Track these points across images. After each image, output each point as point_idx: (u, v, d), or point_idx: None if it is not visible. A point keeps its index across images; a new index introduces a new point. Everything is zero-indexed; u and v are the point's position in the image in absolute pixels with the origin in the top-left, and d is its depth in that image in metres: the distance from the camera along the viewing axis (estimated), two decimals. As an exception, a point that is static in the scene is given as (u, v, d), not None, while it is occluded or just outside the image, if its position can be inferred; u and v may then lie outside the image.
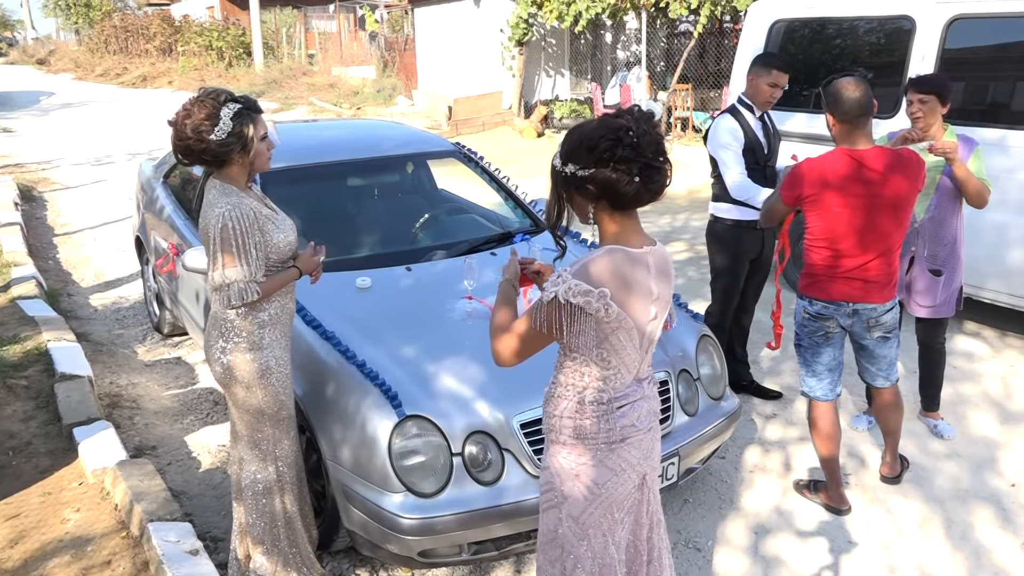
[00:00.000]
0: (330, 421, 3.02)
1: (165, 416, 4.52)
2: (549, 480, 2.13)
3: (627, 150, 1.87)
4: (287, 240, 2.78)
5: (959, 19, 5.19)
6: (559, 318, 1.94)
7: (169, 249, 4.70)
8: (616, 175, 1.89)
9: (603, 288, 1.90)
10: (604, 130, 1.90)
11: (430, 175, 5.12)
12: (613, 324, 1.96)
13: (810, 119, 5.97)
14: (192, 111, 2.58)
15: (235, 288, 2.62)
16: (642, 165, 1.89)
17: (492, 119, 15.17)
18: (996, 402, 4.56)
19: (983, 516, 3.56)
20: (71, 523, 3.35)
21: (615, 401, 2.06)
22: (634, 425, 2.09)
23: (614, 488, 2.08)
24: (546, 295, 1.94)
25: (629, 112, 1.94)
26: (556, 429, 2.09)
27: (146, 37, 31.32)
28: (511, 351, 2.06)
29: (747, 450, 4.09)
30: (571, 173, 1.94)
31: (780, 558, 3.30)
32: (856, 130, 3.16)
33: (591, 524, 2.08)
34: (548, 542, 2.16)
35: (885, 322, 3.36)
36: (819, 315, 3.36)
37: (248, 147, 2.65)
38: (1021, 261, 4.98)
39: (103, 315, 6.12)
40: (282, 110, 19.31)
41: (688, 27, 13.79)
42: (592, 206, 1.98)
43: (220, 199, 2.64)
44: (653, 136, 1.92)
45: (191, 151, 2.62)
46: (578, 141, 1.93)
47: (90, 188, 10.80)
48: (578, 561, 2.10)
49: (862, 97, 3.12)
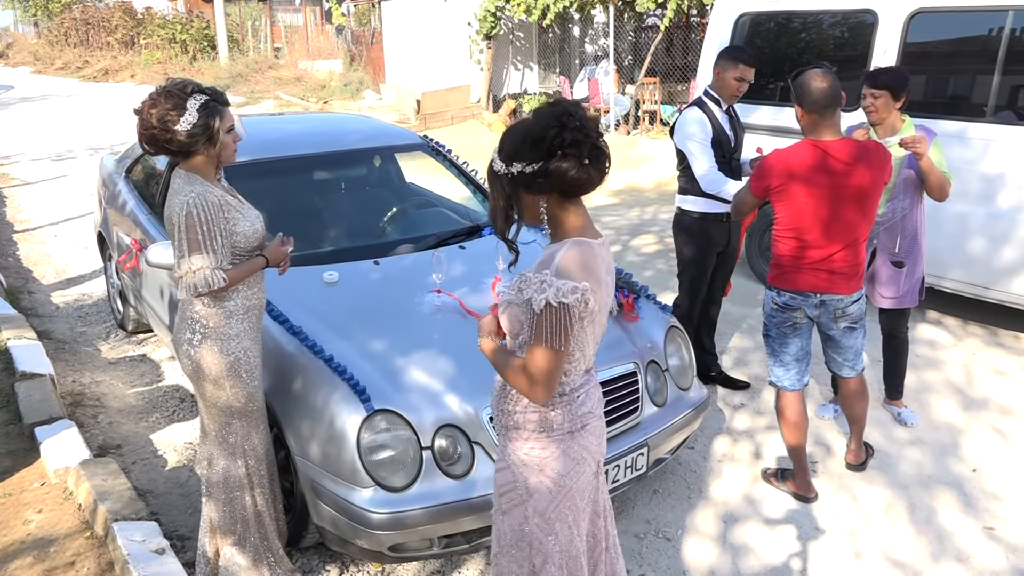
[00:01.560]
0: (298, 417, 2.99)
1: (130, 414, 4.45)
2: (510, 479, 2.10)
3: (576, 133, 1.87)
4: (254, 229, 2.75)
5: (920, 13, 5.27)
6: (556, 323, 1.88)
7: (132, 245, 4.62)
8: (567, 162, 1.88)
9: (584, 283, 1.89)
10: (547, 120, 1.89)
11: (398, 169, 5.09)
12: (586, 318, 1.95)
13: (776, 112, 6.03)
14: (158, 101, 2.55)
15: (200, 275, 2.59)
16: (590, 147, 1.89)
17: (461, 113, 15.13)
18: (958, 389, 4.65)
19: (946, 501, 3.62)
20: (33, 524, 3.28)
21: (575, 391, 2.07)
22: (591, 412, 2.11)
23: (576, 478, 2.08)
24: (536, 305, 1.88)
25: (561, 100, 1.95)
26: (519, 425, 2.07)
27: (107, 30, 30.76)
28: (551, 381, 1.94)
29: (716, 440, 4.13)
30: (518, 172, 1.91)
31: (749, 546, 3.34)
32: (823, 121, 3.19)
33: (557, 517, 2.08)
34: (513, 543, 2.14)
35: (851, 313, 3.40)
36: (786, 306, 3.40)
37: (214, 139, 2.62)
38: (982, 251, 5.08)
39: (65, 313, 6.01)
40: (248, 104, 19.08)
41: (655, 21, 13.84)
42: (543, 201, 1.96)
43: (184, 187, 2.62)
44: (590, 118, 1.93)
45: (156, 141, 2.59)
46: (520, 139, 1.92)
47: (51, 184, 10.59)
48: (547, 557, 2.10)
49: (829, 88, 3.15)
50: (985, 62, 5.06)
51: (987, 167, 4.98)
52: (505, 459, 2.12)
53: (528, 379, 1.95)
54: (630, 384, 3.26)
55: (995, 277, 5.07)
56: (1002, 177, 4.95)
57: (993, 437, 4.14)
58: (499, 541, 2.18)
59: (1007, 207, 4.95)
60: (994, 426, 4.24)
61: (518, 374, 1.98)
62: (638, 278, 4.65)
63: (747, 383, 4.68)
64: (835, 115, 3.19)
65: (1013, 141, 4.89)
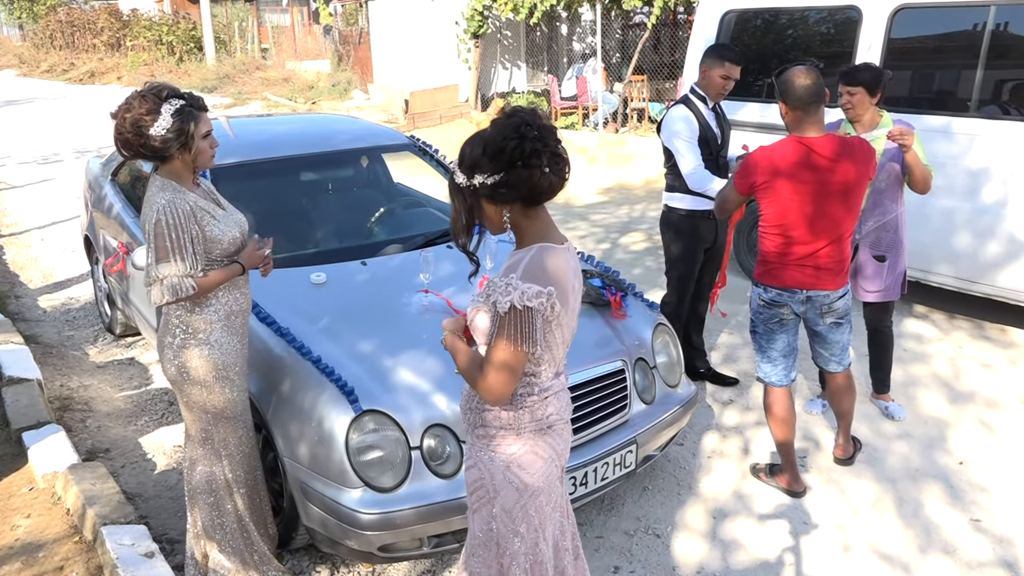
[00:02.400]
0: (286, 418, 2.99)
1: (118, 418, 4.43)
2: (478, 478, 2.11)
3: (535, 143, 1.89)
4: (230, 235, 2.74)
5: (903, 9, 5.29)
6: (521, 326, 1.90)
7: (119, 248, 4.61)
8: (528, 171, 1.90)
9: (550, 287, 1.91)
10: (505, 131, 1.91)
11: (386, 169, 5.09)
12: (553, 322, 1.97)
13: (762, 109, 6.05)
14: (133, 105, 2.56)
15: (167, 283, 2.59)
16: (549, 154, 1.91)
17: (449, 112, 15.11)
18: (945, 382, 4.68)
19: (933, 494, 3.65)
20: (21, 529, 3.27)
21: (544, 392, 2.08)
22: (558, 414, 2.12)
23: (540, 477, 2.09)
24: (500, 307, 1.90)
25: (517, 110, 1.95)
26: (484, 423, 2.08)
27: (93, 32, 30.56)
28: (501, 383, 1.95)
29: (705, 436, 4.14)
30: (480, 184, 1.93)
31: (738, 541, 3.35)
32: (807, 118, 3.20)
33: (523, 518, 2.09)
34: (481, 544, 2.15)
35: (837, 308, 3.42)
36: (773, 302, 3.41)
37: (188, 145, 2.61)
38: (966, 245, 5.11)
39: (52, 317, 5.98)
40: (235, 105, 19.00)
41: (642, 18, 13.85)
42: (506, 211, 1.97)
43: (157, 194, 2.62)
44: (548, 126, 1.94)
45: (130, 145, 2.60)
46: (480, 151, 1.93)
47: (37, 187, 10.53)
48: (514, 556, 2.11)
49: (812, 85, 3.17)
50: (968, 57, 5.09)
51: (971, 162, 5.01)
52: (473, 457, 2.13)
53: (484, 377, 1.97)
54: (618, 381, 3.26)
55: (981, 271, 5.11)
56: (987, 171, 4.98)
57: (979, 430, 4.16)
58: (471, 542, 2.19)
59: (992, 201, 4.98)
60: (980, 419, 4.27)
61: (476, 370, 2.00)
62: (626, 275, 4.67)
63: (735, 379, 4.70)
64: (819, 112, 3.21)
65: (997, 135, 4.92)
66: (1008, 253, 4.95)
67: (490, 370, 1.95)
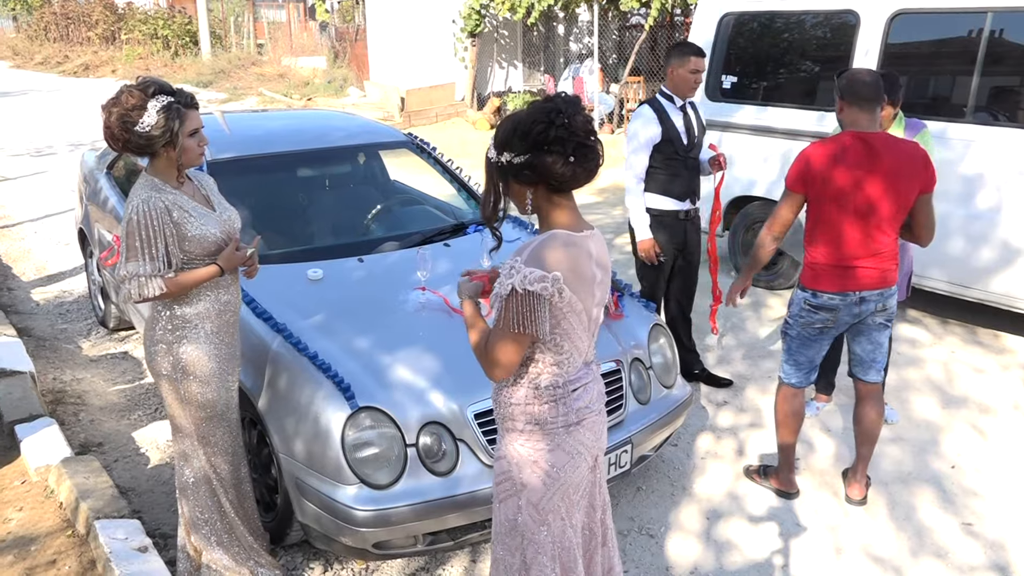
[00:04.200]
0: (282, 414, 2.98)
1: (112, 412, 4.42)
2: (505, 469, 2.13)
3: (560, 130, 1.91)
4: (211, 234, 2.70)
5: (901, 14, 5.31)
6: (520, 309, 1.93)
7: (114, 241, 4.59)
8: (552, 157, 1.92)
9: (556, 272, 1.92)
10: (536, 115, 1.94)
11: (382, 166, 5.08)
12: (565, 309, 1.97)
13: (759, 111, 6.06)
14: (120, 99, 2.55)
15: (135, 283, 2.58)
16: (575, 144, 1.93)
17: (445, 111, 15.10)
18: (938, 387, 4.70)
19: (925, 497, 3.67)
20: (13, 523, 3.26)
21: (570, 384, 2.08)
22: (588, 407, 2.12)
23: (571, 472, 2.10)
24: (503, 289, 1.94)
25: (557, 96, 1.98)
26: (511, 417, 2.10)
27: (88, 25, 30.42)
28: (505, 361, 2.00)
29: (699, 437, 4.15)
30: (507, 162, 1.96)
31: (732, 542, 3.36)
32: (863, 115, 3.19)
33: (550, 510, 2.10)
34: (507, 532, 2.16)
35: (890, 306, 3.37)
36: (822, 307, 3.31)
37: (174, 142, 2.59)
38: (961, 250, 5.14)
39: (46, 310, 5.95)
40: (231, 100, 18.95)
41: (640, 20, 13.87)
42: (531, 192, 2.00)
43: (137, 192, 2.62)
44: (582, 117, 1.96)
45: (115, 138, 2.58)
46: (511, 129, 1.96)
47: (31, 179, 10.48)
48: (539, 547, 2.12)
49: (872, 84, 3.18)
50: (965, 63, 5.11)
51: (967, 167, 5.03)
52: (501, 449, 2.15)
53: (486, 354, 2.02)
54: (614, 382, 3.27)
55: (974, 276, 5.13)
56: (981, 177, 5.00)
57: (971, 434, 4.19)
58: (496, 529, 2.21)
59: (986, 207, 5.00)
60: (972, 423, 4.29)
61: (481, 345, 2.05)
62: (622, 276, 4.68)
63: (730, 380, 4.71)
64: (874, 112, 3.20)
65: (992, 142, 4.95)
66: (1001, 259, 4.98)
67: (492, 349, 2.00)
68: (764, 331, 5.49)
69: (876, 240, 3.23)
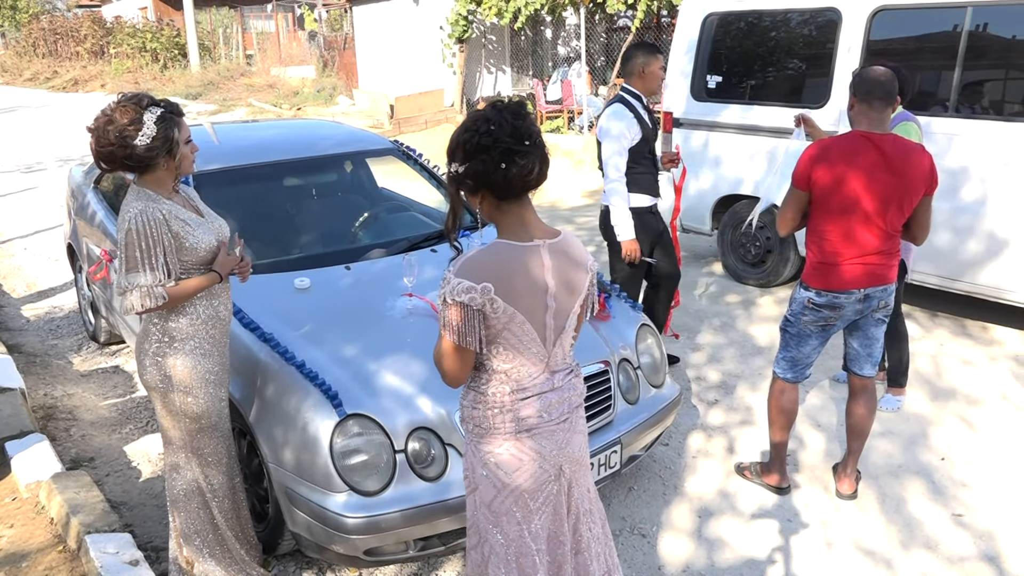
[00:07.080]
0: (271, 424, 2.99)
1: (103, 426, 4.41)
2: (467, 467, 2.18)
3: (485, 138, 1.92)
4: (207, 243, 2.72)
5: (882, 10, 5.34)
6: (451, 320, 1.95)
7: (102, 256, 4.59)
8: (483, 165, 1.93)
9: (485, 284, 1.92)
10: (467, 123, 1.97)
11: (370, 174, 5.09)
12: (502, 319, 1.96)
13: (744, 110, 6.08)
14: (114, 116, 2.53)
15: (137, 293, 2.58)
16: (502, 151, 1.91)
17: (434, 117, 15.11)
18: (927, 379, 4.72)
19: (915, 490, 3.68)
20: (4, 539, 3.25)
21: (518, 393, 2.07)
22: (540, 416, 2.09)
23: (522, 478, 2.09)
24: (438, 298, 1.98)
25: (493, 104, 1.99)
26: (464, 419, 2.15)
27: (76, 39, 30.43)
28: (449, 370, 2.05)
29: (690, 436, 4.16)
30: (454, 172, 1.99)
31: (724, 539, 3.37)
32: (872, 112, 3.20)
33: (502, 512, 2.11)
34: (470, 527, 2.21)
35: (890, 303, 3.39)
36: (826, 305, 3.32)
37: (173, 151, 2.61)
38: (948, 244, 5.16)
39: (36, 326, 5.94)
40: (220, 112, 18.96)
41: (627, 22, 13.91)
42: (478, 201, 2.02)
43: (131, 203, 2.62)
44: (511, 123, 1.94)
45: (114, 157, 2.56)
46: (452, 140, 2.00)
47: (20, 196, 10.47)
48: (493, 547, 2.13)
49: (885, 82, 3.19)
50: (946, 58, 5.14)
51: (951, 161, 5.05)
52: (465, 446, 2.19)
53: (440, 360, 2.06)
54: (602, 383, 3.28)
55: (962, 269, 5.16)
56: (966, 171, 5.03)
57: (960, 426, 4.20)
58: (467, 520, 2.24)
59: (971, 200, 5.03)
60: (961, 416, 4.31)
61: (434, 354, 2.09)
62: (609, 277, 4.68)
63: (677, 358, 4.88)
64: (884, 111, 3.20)
65: (975, 135, 4.98)
66: (988, 251, 5.00)
67: (436, 359, 2.06)
68: (754, 329, 5.51)
69: (880, 239, 3.24)
